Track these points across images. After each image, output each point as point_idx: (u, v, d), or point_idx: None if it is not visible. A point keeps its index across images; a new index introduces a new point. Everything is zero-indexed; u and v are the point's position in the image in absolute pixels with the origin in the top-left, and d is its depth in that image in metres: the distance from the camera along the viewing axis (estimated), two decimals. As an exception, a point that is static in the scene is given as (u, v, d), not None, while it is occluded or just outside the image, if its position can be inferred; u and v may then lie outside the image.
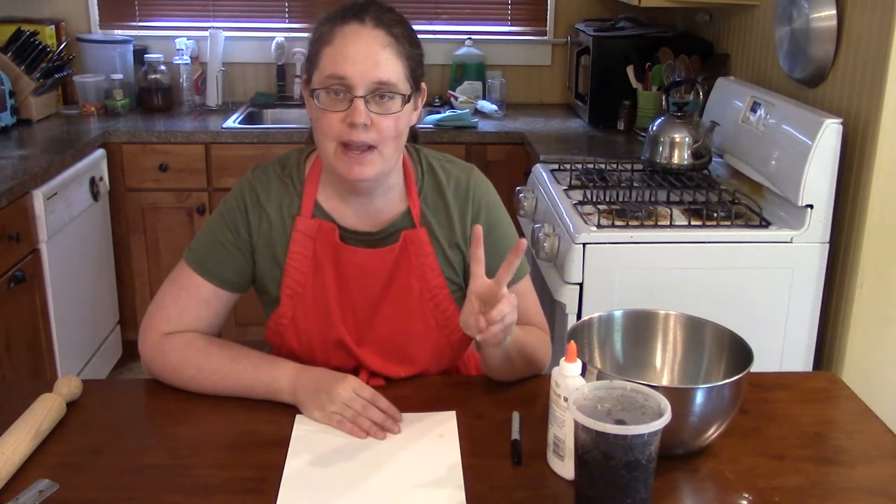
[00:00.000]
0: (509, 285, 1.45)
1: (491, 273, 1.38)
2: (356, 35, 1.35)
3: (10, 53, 3.18)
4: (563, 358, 1.19)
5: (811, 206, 2.20)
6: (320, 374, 1.39)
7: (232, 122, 3.38)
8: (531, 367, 1.48)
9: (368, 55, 1.34)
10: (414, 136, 1.58)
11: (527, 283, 1.55)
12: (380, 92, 1.35)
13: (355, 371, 1.49)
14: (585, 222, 2.24)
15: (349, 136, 1.35)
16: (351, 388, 1.35)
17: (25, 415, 1.27)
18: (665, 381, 1.41)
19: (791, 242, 2.22)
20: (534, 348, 1.47)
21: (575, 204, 2.37)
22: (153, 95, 3.57)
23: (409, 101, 1.39)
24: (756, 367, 1.27)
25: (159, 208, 3.29)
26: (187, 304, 1.47)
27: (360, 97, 1.34)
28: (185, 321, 1.47)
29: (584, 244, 2.18)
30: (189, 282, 1.47)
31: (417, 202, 1.49)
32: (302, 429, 1.33)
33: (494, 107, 3.59)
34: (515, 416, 1.34)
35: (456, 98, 3.62)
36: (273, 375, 1.39)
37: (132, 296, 3.38)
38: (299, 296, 1.48)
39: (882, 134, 2.10)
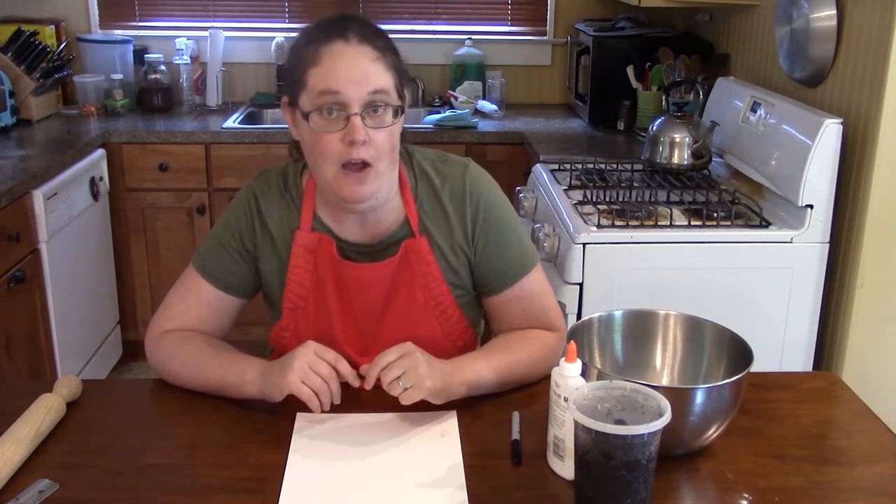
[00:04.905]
0: (511, 281, 1.50)
1: (498, 273, 1.49)
2: (343, 53, 1.34)
3: (10, 53, 3.18)
4: (564, 358, 1.19)
5: (811, 206, 2.20)
6: (282, 358, 1.37)
7: (232, 122, 3.38)
8: (528, 379, 1.46)
9: (359, 71, 1.34)
10: (402, 135, 1.57)
11: (531, 279, 1.52)
12: (374, 105, 1.35)
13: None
14: (585, 222, 2.24)
15: (349, 154, 1.35)
16: (313, 350, 1.32)
17: (25, 415, 1.27)
18: (665, 381, 1.41)
19: (791, 242, 2.22)
20: (517, 365, 1.43)
21: (575, 204, 2.37)
22: (153, 95, 3.57)
23: (399, 114, 1.38)
24: (756, 367, 1.27)
25: (159, 208, 3.29)
26: (190, 305, 1.49)
27: (356, 114, 1.33)
28: (186, 321, 1.48)
29: (584, 244, 2.18)
30: (193, 284, 1.50)
31: (415, 210, 1.48)
32: (302, 428, 1.33)
33: (494, 107, 3.58)
34: (515, 416, 1.34)
35: (456, 98, 3.61)
36: (243, 368, 1.38)
37: (132, 296, 3.38)
38: (301, 309, 1.48)
39: (882, 134, 2.10)
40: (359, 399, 1.37)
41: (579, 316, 2.19)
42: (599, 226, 2.22)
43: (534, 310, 1.52)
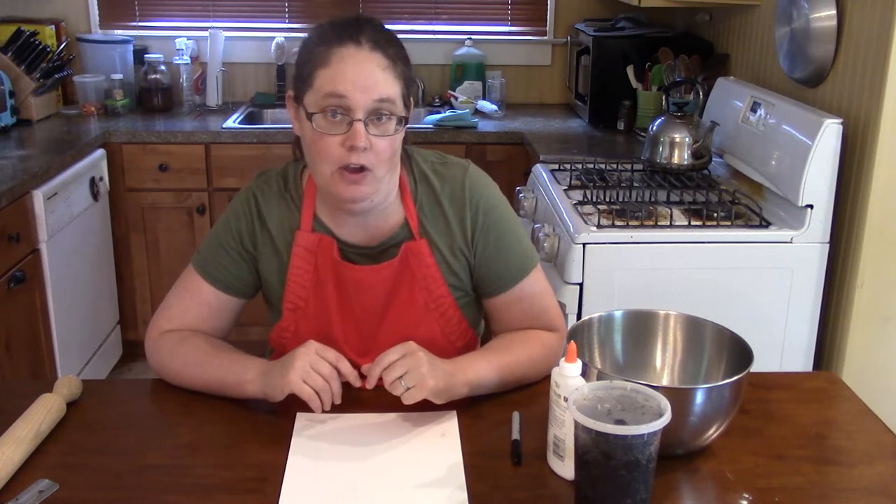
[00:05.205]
0: (511, 283, 1.50)
1: (498, 274, 1.49)
2: (353, 58, 1.33)
3: (10, 53, 3.18)
4: (564, 358, 1.19)
5: (811, 206, 2.20)
6: (283, 357, 1.37)
7: (232, 122, 3.38)
8: (529, 379, 1.46)
9: (368, 78, 1.33)
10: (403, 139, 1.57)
11: (531, 280, 1.51)
12: (378, 112, 1.34)
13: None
14: (585, 222, 2.24)
15: (348, 158, 1.34)
16: (315, 349, 1.33)
17: (25, 415, 1.27)
18: (665, 381, 1.41)
19: (791, 242, 2.22)
20: (518, 365, 1.44)
21: (575, 204, 2.37)
22: (153, 95, 3.57)
23: (402, 124, 1.38)
24: (756, 367, 1.27)
25: (159, 208, 3.29)
26: (190, 305, 1.49)
27: (360, 120, 1.33)
28: (186, 322, 1.48)
29: (584, 244, 2.18)
30: (193, 284, 1.50)
31: (414, 212, 1.48)
32: (302, 428, 1.33)
33: (494, 107, 3.58)
34: (515, 416, 1.34)
35: (456, 98, 3.61)
36: (244, 367, 1.38)
37: (132, 296, 3.38)
38: (301, 310, 1.48)
39: (882, 134, 2.10)
40: (359, 399, 1.37)
41: (579, 316, 2.19)
42: (599, 226, 2.22)
43: (534, 310, 1.52)
